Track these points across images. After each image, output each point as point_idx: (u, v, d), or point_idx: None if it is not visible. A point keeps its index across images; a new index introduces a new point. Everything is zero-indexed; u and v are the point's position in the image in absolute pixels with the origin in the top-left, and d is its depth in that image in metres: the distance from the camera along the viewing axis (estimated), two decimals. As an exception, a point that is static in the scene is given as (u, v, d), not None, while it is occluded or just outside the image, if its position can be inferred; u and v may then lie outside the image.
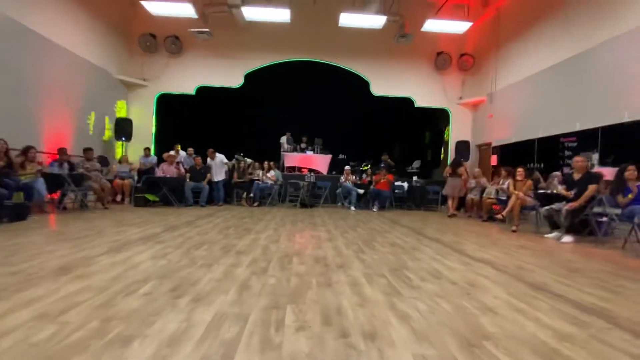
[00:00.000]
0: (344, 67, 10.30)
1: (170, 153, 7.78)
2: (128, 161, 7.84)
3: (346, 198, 8.40)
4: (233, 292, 2.00)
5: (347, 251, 3.33)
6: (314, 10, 9.62)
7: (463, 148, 9.66)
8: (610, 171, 4.80)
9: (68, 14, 7.24)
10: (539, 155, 7.34)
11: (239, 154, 8.71)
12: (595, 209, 4.44)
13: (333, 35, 9.75)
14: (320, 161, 9.88)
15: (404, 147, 11.94)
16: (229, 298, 1.91)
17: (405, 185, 8.81)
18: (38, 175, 5.13)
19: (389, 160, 9.40)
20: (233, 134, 11.20)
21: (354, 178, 8.65)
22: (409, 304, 1.94)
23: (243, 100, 10.80)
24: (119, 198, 7.42)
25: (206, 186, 7.37)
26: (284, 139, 10.41)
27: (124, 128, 8.91)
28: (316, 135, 10.39)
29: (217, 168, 7.73)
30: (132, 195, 7.15)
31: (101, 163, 6.93)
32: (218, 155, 7.83)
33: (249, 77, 10.13)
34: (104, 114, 8.61)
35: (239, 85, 10.12)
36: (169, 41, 9.63)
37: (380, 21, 8.60)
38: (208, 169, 7.63)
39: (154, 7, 8.34)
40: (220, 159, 7.84)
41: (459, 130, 10.35)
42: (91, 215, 5.22)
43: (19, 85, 6.06)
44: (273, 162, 8.51)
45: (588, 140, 6.01)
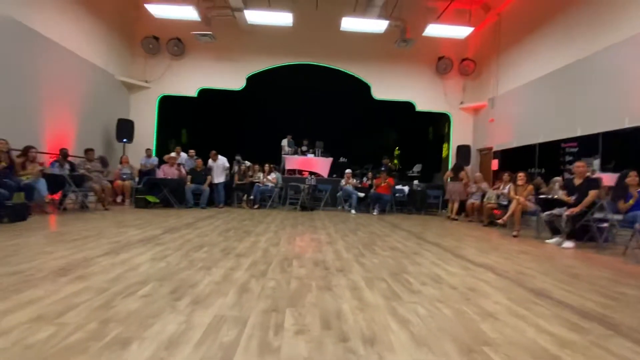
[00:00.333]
0: (345, 71, 10.34)
1: (171, 155, 7.80)
2: (129, 162, 7.86)
3: (347, 201, 8.39)
4: (232, 295, 2.00)
5: (347, 255, 3.32)
6: (316, 14, 9.68)
7: (464, 152, 9.67)
8: (611, 177, 4.80)
9: (71, 15, 7.28)
10: (540, 160, 7.34)
11: (239, 157, 8.72)
12: (596, 215, 4.43)
13: (335, 39, 9.80)
14: (321, 164, 9.87)
15: (405, 151, 11.96)
16: (228, 301, 1.90)
17: (406, 189, 8.81)
18: (39, 175, 5.13)
19: (390, 163, 9.40)
20: (234, 136, 11.22)
21: (355, 181, 8.64)
22: (409, 308, 1.93)
23: (245, 103, 10.83)
24: (119, 199, 7.43)
25: (207, 188, 7.38)
26: (285, 142, 10.42)
27: (125, 129, 8.94)
28: (317, 139, 10.39)
29: (218, 170, 7.74)
30: (133, 196, 7.15)
31: (102, 163, 6.93)
32: (220, 157, 7.84)
33: (250, 80, 10.18)
34: (106, 115, 8.64)
35: (241, 88, 10.16)
36: (172, 43, 9.69)
37: (381, 26, 8.64)
38: (209, 171, 7.64)
39: (158, 10, 8.40)
40: (222, 162, 7.85)
41: (460, 135, 10.37)
42: (91, 216, 5.22)
43: (21, 86, 6.09)
44: (273, 165, 8.51)
45: (589, 145, 6.01)
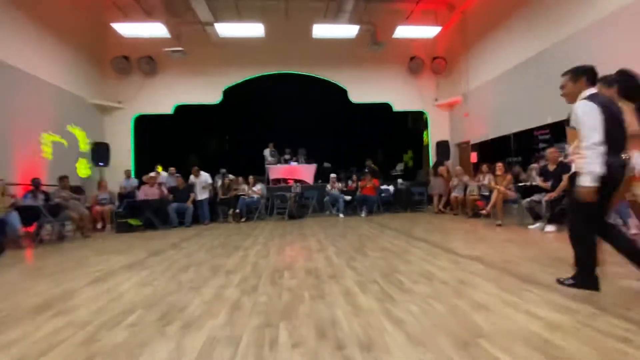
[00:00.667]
0: (321, 77, 10.43)
1: (151, 175, 7.59)
2: (107, 187, 7.60)
3: (334, 206, 8.40)
4: (224, 314, 1.95)
5: (339, 260, 3.31)
6: (287, 24, 9.74)
7: (443, 148, 9.88)
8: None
9: (35, 40, 7.03)
10: (516, 149, 7.58)
11: (224, 170, 8.58)
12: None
13: (308, 47, 9.88)
14: (306, 171, 9.86)
15: (385, 151, 12.12)
16: (220, 321, 1.86)
17: (391, 188, 8.90)
18: (11, 208, 4.90)
19: (373, 165, 9.49)
20: (215, 150, 11.08)
21: (341, 185, 8.67)
22: (403, 308, 1.94)
23: (223, 116, 10.72)
24: (99, 226, 7.16)
25: (190, 206, 7.22)
26: (267, 152, 10.34)
27: (101, 153, 8.67)
28: (299, 146, 10.39)
29: (201, 186, 7.59)
30: (114, 221, 6.91)
31: (76, 192, 6.66)
32: (203, 173, 7.69)
33: (227, 93, 10.10)
34: (78, 139, 8.36)
35: (218, 102, 10.07)
36: (143, 62, 9.51)
37: (352, 31, 8.78)
38: (191, 188, 7.49)
39: (125, 29, 8.26)
40: (205, 177, 7.70)
41: (437, 131, 10.60)
42: (70, 246, 5.01)
43: (-15, 117, 5.83)
44: (255, 177, 8.38)
45: (560, 132, 6.25)
